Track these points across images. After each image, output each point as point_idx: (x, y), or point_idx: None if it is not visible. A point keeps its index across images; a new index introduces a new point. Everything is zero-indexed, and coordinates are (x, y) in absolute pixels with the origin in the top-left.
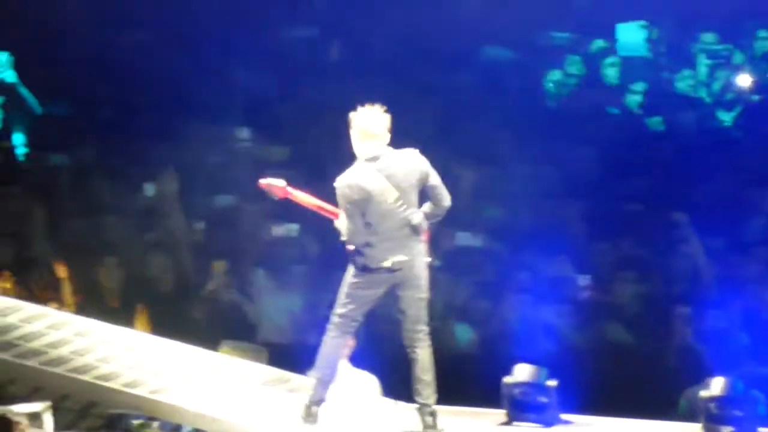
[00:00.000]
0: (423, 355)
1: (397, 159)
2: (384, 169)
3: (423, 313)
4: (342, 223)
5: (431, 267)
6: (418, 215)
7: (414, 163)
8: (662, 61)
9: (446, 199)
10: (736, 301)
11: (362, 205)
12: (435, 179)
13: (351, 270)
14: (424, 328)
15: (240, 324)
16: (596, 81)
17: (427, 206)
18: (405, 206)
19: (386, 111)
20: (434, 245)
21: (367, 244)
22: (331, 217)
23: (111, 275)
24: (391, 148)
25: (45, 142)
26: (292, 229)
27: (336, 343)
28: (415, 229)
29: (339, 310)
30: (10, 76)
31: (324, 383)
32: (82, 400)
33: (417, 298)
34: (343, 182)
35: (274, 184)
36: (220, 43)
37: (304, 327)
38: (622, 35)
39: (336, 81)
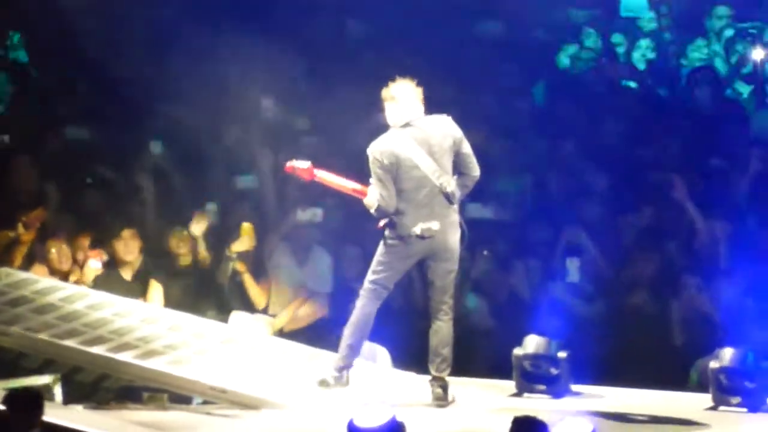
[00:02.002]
0: (444, 329)
1: (430, 125)
2: (417, 136)
3: (450, 286)
4: (372, 197)
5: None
6: (452, 183)
7: (447, 129)
8: (675, 31)
9: (476, 169)
10: (748, 271)
11: (393, 171)
12: (467, 147)
13: (384, 239)
14: (449, 301)
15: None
16: (610, 52)
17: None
18: (438, 173)
19: (418, 84)
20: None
21: (400, 212)
22: (360, 196)
23: (128, 247)
24: (423, 115)
25: (60, 118)
26: (316, 213)
27: (368, 310)
28: (449, 197)
29: (372, 276)
30: (22, 56)
31: (354, 349)
32: (93, 372)
33: (446, 270)
34: (374, 148)
35: (299, 167)
36: (239, 15)
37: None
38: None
39: (357, 54)
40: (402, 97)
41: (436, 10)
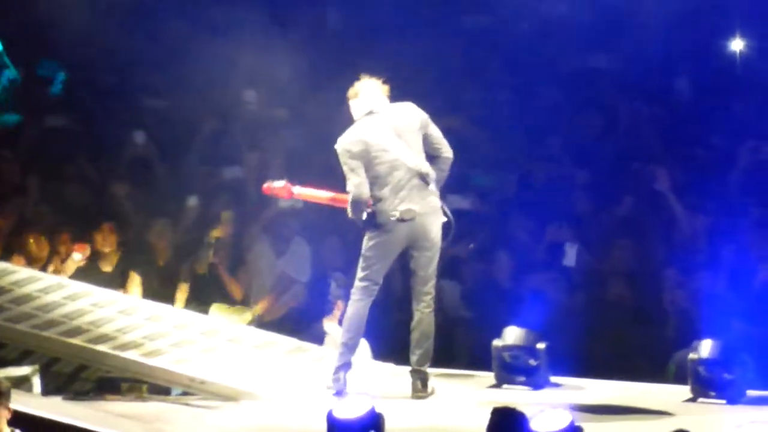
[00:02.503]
0: (425, 320)
1: (394, 110)
2: (382, 120)
3: (432, 276)
4: (350, 195)
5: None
6: (426, 164)
7: (412, 112)
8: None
9: (448, 150)
10: (728, 263)
11: (364, 156)
12: (434, 129)
13: (367, 235)
14: (431, 292)
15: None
16: (589, 41)
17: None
18: (410, 155)
19: (385, 82)
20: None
21: (378, 199)
22: (339, 204)
23: (106, 240)
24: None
25: (39, 106)
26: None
27: (360, 309)
28: (424, 179)
29: (361, 274)
30: None
31: (350, 347)
32: (72, 363)
33: (428, 259)
34: (341, 141)
35: (276, 187)
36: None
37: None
38: None
39: (340, 46)
40: (365, 92)
41: (420, 2)
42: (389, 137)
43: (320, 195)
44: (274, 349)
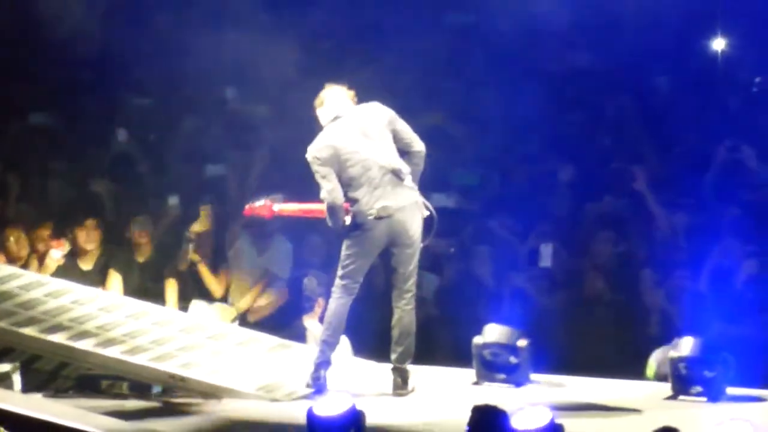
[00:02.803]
0: (406, 318)
1: (359, 111)
2: (348, 123)
3: (413, 273)
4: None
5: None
6: (398, 160)
7: (377, 110)
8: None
9: (418, 144)
10: (708, 261)
11: (334, 162)
12: (402, 124)
13: (347, 234)
14: (412, 289)
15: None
16: (570, 39)
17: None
18: (380, 153)
19: (350, 87)
20: None
21: (354, 200)
22: (322, 216)
23: (89, 237)
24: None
25: (22, 102)
26: (276, 198)
27: (340, 307)
28: (397, 174)
29: (340, 272)
30: None
31: (330, 345)
32: (52, 360)
33: (409, 256)
34: (310, 149)
35: (257, 206)
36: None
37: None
38: None
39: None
40: (330, 99)
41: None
42: (357, 138)
43: (301, 208)
44: (255, 347)
